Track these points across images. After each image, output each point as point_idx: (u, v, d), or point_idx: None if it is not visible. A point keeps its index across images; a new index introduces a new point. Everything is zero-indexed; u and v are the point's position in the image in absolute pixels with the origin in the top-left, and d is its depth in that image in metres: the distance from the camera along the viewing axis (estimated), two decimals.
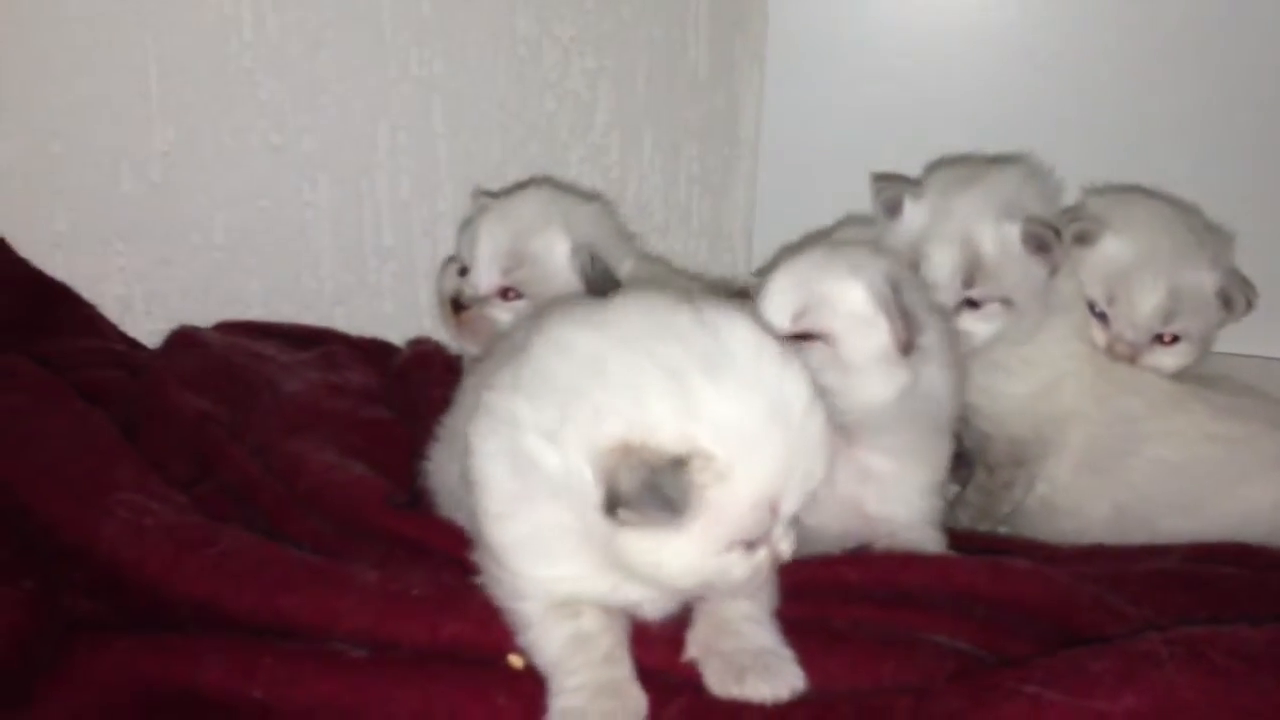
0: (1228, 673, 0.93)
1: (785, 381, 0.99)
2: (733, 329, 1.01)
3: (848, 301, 1.29)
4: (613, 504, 0.95)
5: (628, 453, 0.94)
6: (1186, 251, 1.59)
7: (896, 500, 1.33)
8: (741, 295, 1.87)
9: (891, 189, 1.61)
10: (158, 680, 1.09)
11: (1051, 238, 1.52)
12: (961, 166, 1.65)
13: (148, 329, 1.90)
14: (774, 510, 0.99)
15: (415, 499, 1.41)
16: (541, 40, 2.01)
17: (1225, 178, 1.92)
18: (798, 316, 1.29)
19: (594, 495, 0.96)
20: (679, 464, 0.94)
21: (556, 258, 1.63)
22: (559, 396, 0.99)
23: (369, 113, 1.95)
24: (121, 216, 1.89)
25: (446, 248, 1.87)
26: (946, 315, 1.46)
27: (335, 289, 2.02)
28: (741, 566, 1.00)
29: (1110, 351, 1.59)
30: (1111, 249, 1.59)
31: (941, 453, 1.39)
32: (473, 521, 1.10)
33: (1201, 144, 2.00)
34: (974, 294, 1.53)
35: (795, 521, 1.03)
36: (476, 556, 1.12)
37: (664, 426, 0.95)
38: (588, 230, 1.67)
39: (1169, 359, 1.60)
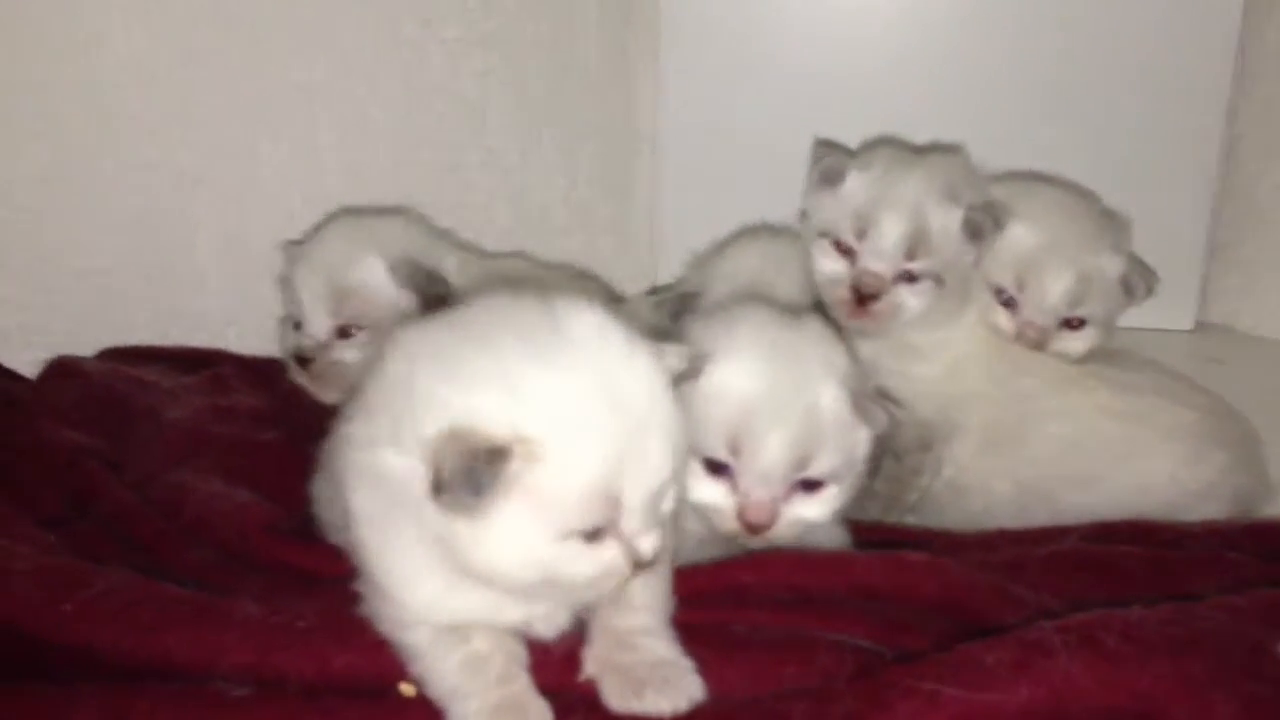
0: (1121, 657, 0.92)
1: (627, 370, 0.97)
2: (577, 318, 0.99)
3: None
4: (435, 488, 0.93)
5: (454, 438, 0.93)
6: (1091, 238, 1.61)
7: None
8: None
9: (835, 157, 1.61)
10: None
11: (989, 227, 1.54)
12: (901, 148, 1.65)
13: (28, 359, 1.81)
14: (613, 502, 0.96)
15: (308, 524, 1.37)
16: (426, 44, 1.96)
17: (1113, 157, 1.94)
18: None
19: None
20: (501, 451, 0.92)
21: (378, 280, 1.63)
22: (393, 401, 0.98)
23: (249, 124, 1.89)
24: None
25: None
26: None
27: (225, 309, 1.95)
28: (585, 562, 0.97)
29: (1020, 338, 1.59)
30: (1019, 236, 1.59)
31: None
32: (354, 555, 1.07)
33: (1087, 124, 2.02)
34: (914, 266, 1.53)
35: (658, 519, 1.00)
36: (361, 590, 1.08)
37: (489, 414, 0.93)
38: (399, 243, 1.66)
39: (1076, 343, 1.61)
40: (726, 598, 1.12)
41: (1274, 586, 1.06)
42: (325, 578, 1.21)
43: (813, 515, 1.22)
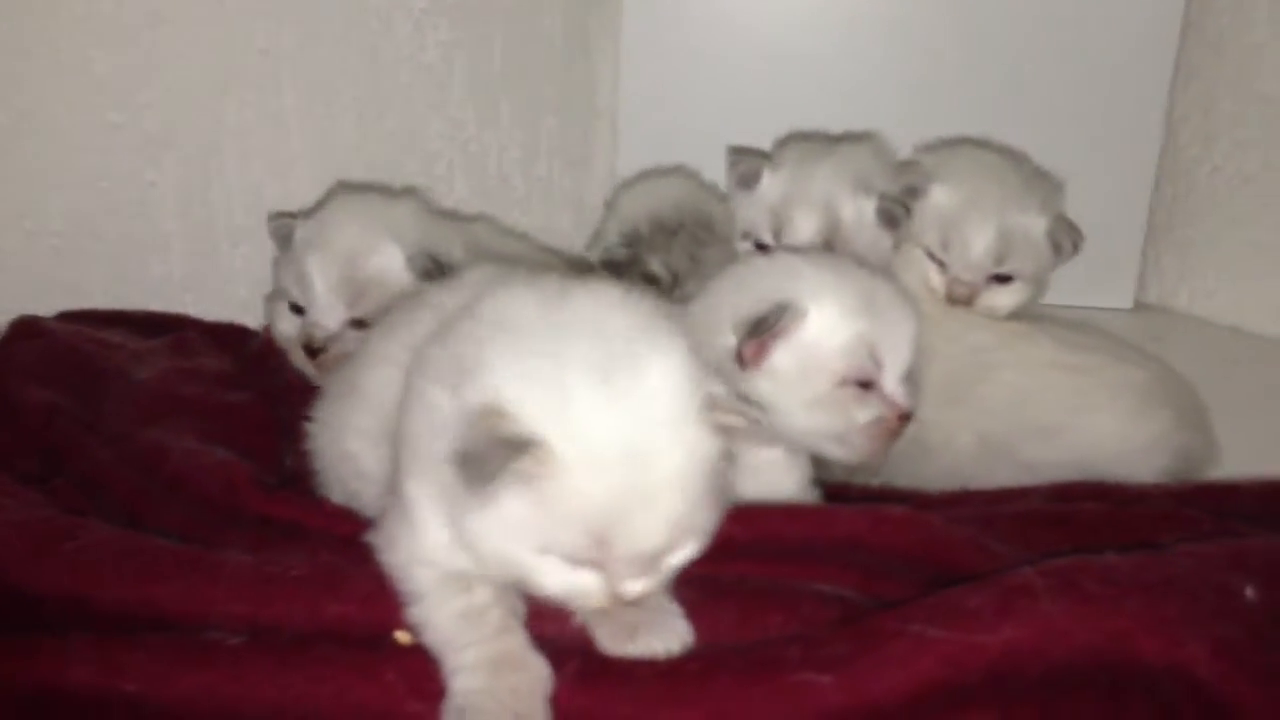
0: (1099, 599, 0.97)
1: (668, 433, 0.96)
2: (658, 364, 0.99)
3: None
4: (453, 455, 0.95)
5: (485, 416, 0.94)
6: (1013, 195, 1.68)
7: (775, 485, 1.32)
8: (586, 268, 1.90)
9: (748, 161, 1.69)
10: (23, 683, 1.03)
11: (902, 214, 1.62)
12: (813, 141, 1.73)
13: None
14: (605, 546, 0.97)
15: (285, 480, 1.37)
16: (393, 13, 1.96)
17: (1056, 139, 1.98)
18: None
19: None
20: (519, 445, 0.93)
21: (395, 273, 1.58)
22: (468, 350, 1.00)
23: (214, 89, 1.88)
24: None
25: None
26: None
27: (185, 275, 1.94)
28: (559, 579, 0.99)
29: (949, 295, 1.66)
30: (940, 198, 1.68)
31: None
32: (393, 479, 1.08)
33: (1031, 106, 2.07)
34: None
35: (655, 571, 1.01)
36: (383, 519, 1.10)
37: (529, 408, 0.94)
38: (413, 230, 1.63)
39: (1004, 298, 1.68)
40: (716, 549, 1.14)
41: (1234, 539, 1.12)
42: (312, 530, 1.22)
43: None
